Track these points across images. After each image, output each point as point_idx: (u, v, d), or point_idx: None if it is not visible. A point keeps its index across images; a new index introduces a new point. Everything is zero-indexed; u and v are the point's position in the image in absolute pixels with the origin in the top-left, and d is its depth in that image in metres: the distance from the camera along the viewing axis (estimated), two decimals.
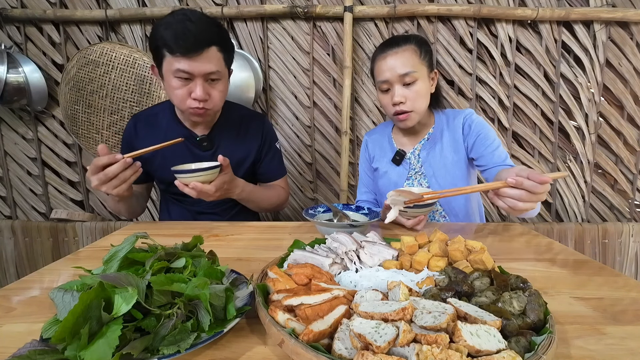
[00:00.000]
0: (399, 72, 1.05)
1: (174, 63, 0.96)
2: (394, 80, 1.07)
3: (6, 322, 0.51)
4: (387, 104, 1.11)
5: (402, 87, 1.07)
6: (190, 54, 0.94)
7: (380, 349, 0.35)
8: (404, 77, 1.05)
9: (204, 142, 1.14)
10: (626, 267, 1.81)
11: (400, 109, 1.08)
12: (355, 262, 0.63)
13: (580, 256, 0.79)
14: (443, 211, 1.18)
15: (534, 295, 0.46)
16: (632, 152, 1.74)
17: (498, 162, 1.06)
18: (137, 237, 0.56)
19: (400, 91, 1.06)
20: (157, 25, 0.97)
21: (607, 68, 1.68)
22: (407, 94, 1.07)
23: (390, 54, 1.07)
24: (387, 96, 1.10)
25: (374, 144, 1.30)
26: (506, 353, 0.36)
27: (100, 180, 0.88)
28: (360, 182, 1.35)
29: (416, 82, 1.06)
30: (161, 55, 0.98)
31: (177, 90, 0.99)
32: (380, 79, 1.09)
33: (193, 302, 0.45)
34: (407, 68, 1.04)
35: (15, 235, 1.85)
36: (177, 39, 0.93)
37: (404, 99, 1.06)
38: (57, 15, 1.67)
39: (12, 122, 1.80)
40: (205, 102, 1.01)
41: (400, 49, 1.06)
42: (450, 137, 1.16)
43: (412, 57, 1.06)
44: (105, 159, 0.88)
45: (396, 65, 1.05)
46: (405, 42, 1.07)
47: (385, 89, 1.10)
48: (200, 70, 0.97)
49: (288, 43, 1.72)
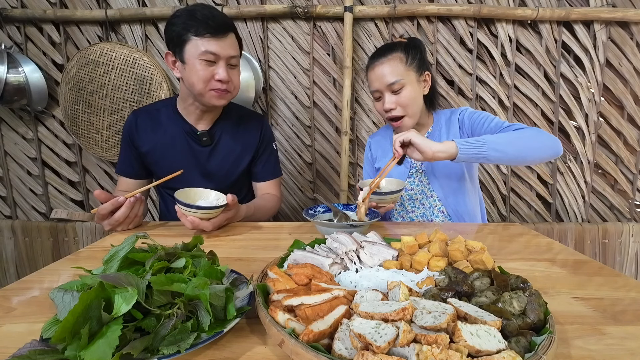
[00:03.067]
0: (385, 81, 1.10)
1: (200, 46, 1.00)
2: (383, 89, 1.12)
3: (6, 322, 0.51)
4: (381, 111, 1.17)
5: (392, 94, 1.12)
6: (219, 35, 1.01)
7: (380, 349, 0.35)
8: (392, 86, 1.10)
9: (204, 137, 1.16)
10: (626, 267, 1.81)
11: (392, 114, 1.13)
12: (355, 262, 0.63)
13: (580, 256, 0.79)
14: (442, 206, 1.20)
15: (534, 296, 0.46)
16: (632, 152, 1.74)
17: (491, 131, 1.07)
18: (137, 237, 0.56)
19: (389, 98, 1.12)
20: (178, 15, 1.02)
21: (607, 68, 1.68)
22: (397, 100, 1.11)
23: (377, 64, 1.12)
24: (380, 103, 1.16)
25: (377, 145, 1.34)
26: (506, 353, 0.36)
27: (112, 225, 0.93)
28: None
29: (404, 89, 1.10)
30: (184, 40, 1.01)
31: (200, 72, 1.02)
32: (372, 88, 1.16)
33: (193, 302, 0.45)
34: (393, 77, 1.09)
35: (15, 235, 1.85)
36: (207, 20, 0.99)
37: (394, 105, 1.11)
38: (57, 15, 1.67)
39: (12, 122, 1.80)
40: (227, 84, 1.06)
41: (386, 58, 1.11)
42: (448, 134, 1.18)
43: (398, 65, 1.10)
44: (109, 205, 0.90)
45: (383, 75, 1.10)
46: (390, 51, 1.12)
47: (377, 97, 1.16)
48: (226, 53, 1.03)
49: (288, 43, 1.72)
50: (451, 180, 1.18)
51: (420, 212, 1.22)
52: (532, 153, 0.99)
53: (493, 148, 0.93)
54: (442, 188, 1.19)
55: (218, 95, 1.06)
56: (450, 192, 1.18)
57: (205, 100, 1.07)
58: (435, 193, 1.20)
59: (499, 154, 0.93)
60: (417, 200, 1.23)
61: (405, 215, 1.25)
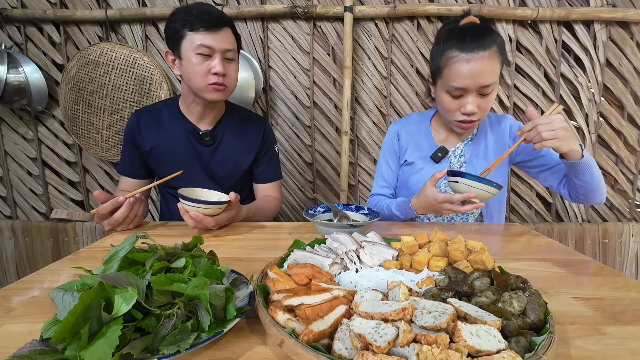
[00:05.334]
0: (481, 82, 0.93)
1: (195, 40, 1.01)
2: (472, 89, 0.95)
3: (6, 322, 0.51)
4: (454, 110, 1.00)
5: (477, 96, 0.96)
6: (212, 28, 1.02)
7: (380, 349, 0.35)
8: (485, 88, 0.94)
9: (207, 137, 1.16)
10: (626, 267, 1.81)
11: (470, 118, 0.98)
12: (355, 262, 0.63)
13: (581, 256, 0.79)
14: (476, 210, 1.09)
15: (534, 295, 0.46)
16: (632, 152, 1.74)
17: (558, 160, 1.01)
18: (137, 237, 0.56)
19: (475, 101, 0.96)
20: (175, 13, 1.04)
21: (607, 68, 1.68)
22: (481, 104, 0.97)
23: (476, 58, 0.92)
24: (456, 102, 0.99)
25: (409, 135, 1.18)
26: (506, 353, 0.36)
27: (112, 225, 0.93)
28: (378, 174, 1.24)
29: (492, 92, 0.96)
30: (180, 36, 1.03)
31: (197, 67, 1.03)
32: (456, 84, 0.96)
33: (193, 302, 0.45)
34: (491, 78, 0.93)
35: (15, 235, 1.85)
36: (201, 14, 1.01)
37: (477, 109, 0.97)
38: (57, 15, 1.67)
39: (12, 122, 1.80)
40: (224, 78, 1.06)
41: (487, 53, 0.92)
42: (495, 139, 1.11)
43: (496, 64, 0.94)
44: (109, 205, 0.90)
45: (480, 74, 0.92)
46: (491, 42, 0.93)
47: (457, 95, 0.98)
48: (220, 46, 1.03)
49: (288, 43, 1.71)
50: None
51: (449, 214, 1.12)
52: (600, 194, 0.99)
53: (593, 173, 0.92)
54: None
55: (215, 90, 1.07)
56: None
57: (204, 95, 1.07)
58: None
59: (595, 177, 0.93)
60: None
61: (433, 218, 1.15)
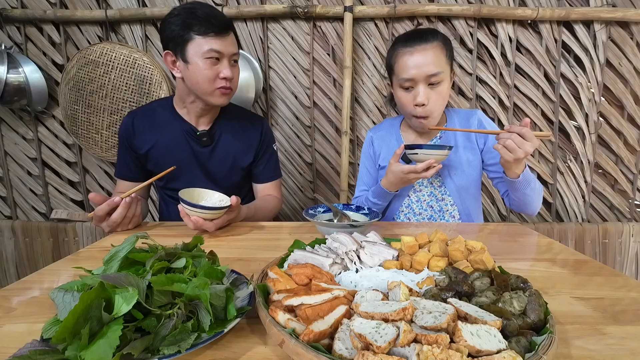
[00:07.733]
0: (427, 71, 0.98)
1: (204, 44, 1.00)
2: (419, 79, 1.00)
3: (6, 322, 0.51)
4: (408, 103, 1.04)
5: (427, 87, 1.01)
6: (222, 33, 1.02)
7: (381, 349, 0.35)
8: (431, 78, 0.99)
9: (204, 137, 1.15)
10: (626, 267, 1.81)
11: (422, 110, 1.02)
12: (356, 262, 0.63)
13: (581, 256, 0.79)
14: (454, 211, 1.15)
15: (534, 295, 0.46)
16: (632, 152, 1.74)
17: None
18: (137, 238, 0.56)
19: (424, 92, 1.00)
20: (177, 14, 1.01)
21: (607, 68, 1.68)
22: (431, 95, 1.01)
23: (418, 49, 0.98)
24: (409, 95, 1.04)
25: (381, 141, 1.23)
26: (506, 353, 0.36)
27: (111, 227, 0.92)
28: (359, 179, 1.30)
29: (441, 84, 1.01)
30: (186, 40, 1.01)
31: (205, 71, 1.02)
32: (405, 76, 1.01)
33: (193, 302, 0.45)
34: (436, 68, 0.98)
35: (15, 236, 1.85)
36: (210, 19, 1.00)
37: (427, 100, 1.01)
38: (57, 16, 1.67)
39: (12, 122, 1.80)
40: (231, 82, 1.07)
41: (429, 45, 0.99)
42: (464, 136, 1.12)
43: (440, 55, 0.99)
44: (105, 207, 0.90)
45: (424, 63, 0.98)
46: (433, 37, 1.00)
47: (407, 86, 1.03)
48: (229, 50, 1.04)
49: (288, 43, 1.71)
50: (469, 185, 1.12)
51: (428, 214, 1.16)
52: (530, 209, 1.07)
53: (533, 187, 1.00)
54: (458, 192, 1.12)
55: (223, 94, 1.07)
56: (467, 196, 1.13)
57: (210, 99, 1.07)
58: (449, 197, 1.14)
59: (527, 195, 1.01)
60: (424, 203, 1.16)
61: (412, 218, 1.18)
